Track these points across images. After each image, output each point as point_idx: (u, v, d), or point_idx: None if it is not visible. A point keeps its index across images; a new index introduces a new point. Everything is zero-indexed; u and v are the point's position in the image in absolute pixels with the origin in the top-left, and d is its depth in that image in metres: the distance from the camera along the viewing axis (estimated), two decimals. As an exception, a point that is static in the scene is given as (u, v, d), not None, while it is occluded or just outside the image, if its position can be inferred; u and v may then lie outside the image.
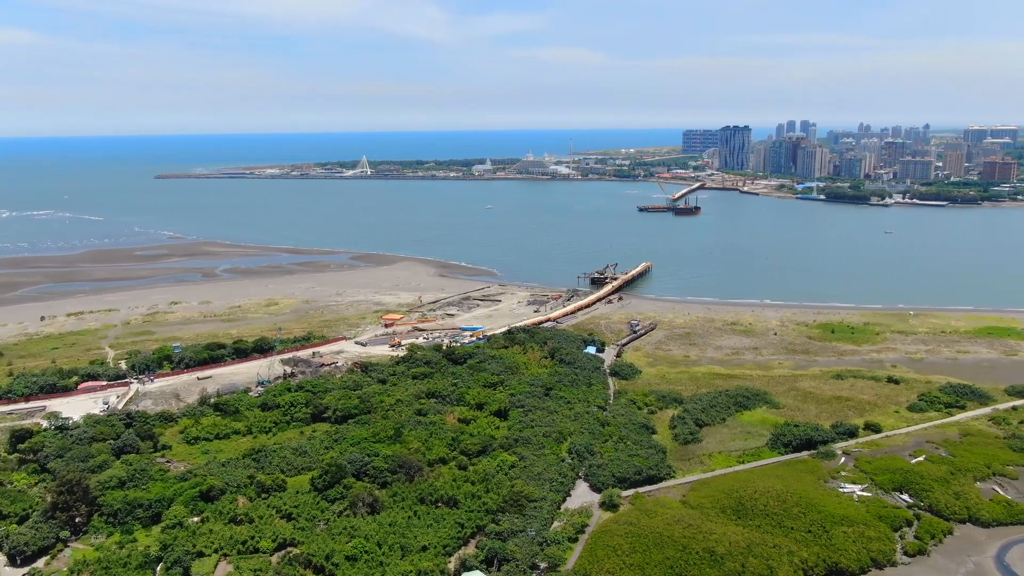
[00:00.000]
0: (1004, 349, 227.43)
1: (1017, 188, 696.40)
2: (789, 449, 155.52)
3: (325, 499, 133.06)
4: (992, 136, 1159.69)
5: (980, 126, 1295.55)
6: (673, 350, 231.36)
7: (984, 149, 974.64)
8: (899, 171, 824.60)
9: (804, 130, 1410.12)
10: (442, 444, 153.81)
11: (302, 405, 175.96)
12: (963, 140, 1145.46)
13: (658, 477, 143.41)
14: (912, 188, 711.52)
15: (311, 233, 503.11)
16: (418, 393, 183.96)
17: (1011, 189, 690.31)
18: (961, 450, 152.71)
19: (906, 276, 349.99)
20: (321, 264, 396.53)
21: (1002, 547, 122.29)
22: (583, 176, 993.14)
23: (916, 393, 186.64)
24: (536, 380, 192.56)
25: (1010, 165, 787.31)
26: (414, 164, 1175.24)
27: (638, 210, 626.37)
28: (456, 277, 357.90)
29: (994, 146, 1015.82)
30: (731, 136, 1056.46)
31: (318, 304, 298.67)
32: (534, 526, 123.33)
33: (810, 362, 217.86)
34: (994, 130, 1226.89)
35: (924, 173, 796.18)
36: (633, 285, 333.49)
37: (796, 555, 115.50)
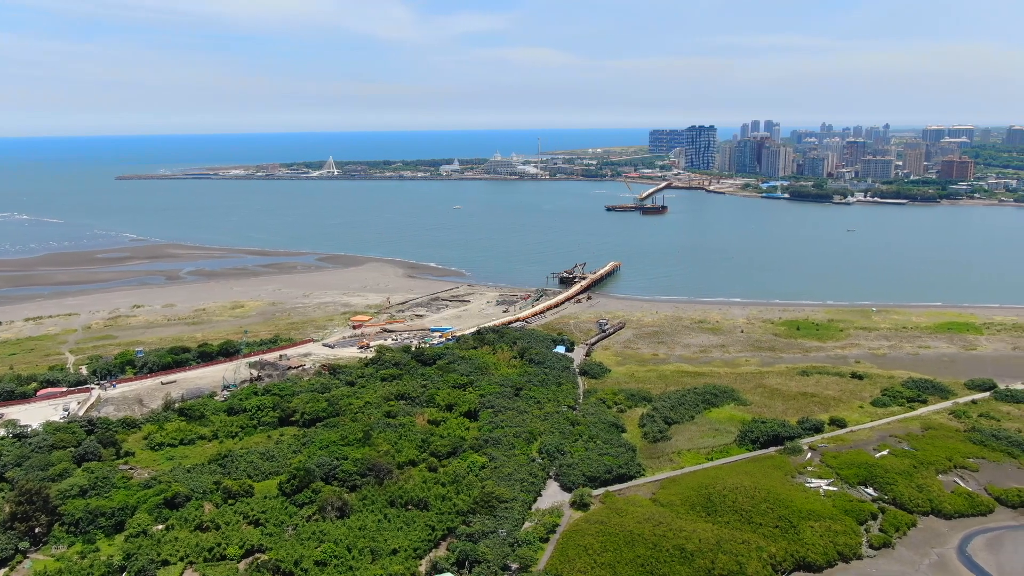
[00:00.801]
0: (963, 344, 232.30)
1: (974, 186, 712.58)
2: (757, 445, 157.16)
3: (293, 504, 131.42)
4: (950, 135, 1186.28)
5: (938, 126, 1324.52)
6: (642, 348, 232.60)
7: (942, 148, 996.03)
8: (861, 170, 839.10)
9: (768, 130, 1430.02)
10: (412, 446, 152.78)
11: (269, 409, 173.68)
12: (922, 139, 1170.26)
13: (628, 475, 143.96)
14: (873, 187, 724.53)
15: (277, 234, 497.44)
16: (387, 395, 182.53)
17: (968, 187, 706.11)
18: (923, 443, 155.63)
19: (868, 273, 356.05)
20: (288, 266, 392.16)
21: (964, 538, 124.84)
22: (551, 176, 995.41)
23: (879, 388, 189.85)
24: (506, 380, 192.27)
25: (967, 164, 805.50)
26: (381, 164, 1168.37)
27: (606, 209, 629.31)
28: (425, 278, 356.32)
29: (951, 145, 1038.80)
30: (697, 136, 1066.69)
31: (285, 306, 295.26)
32: (505, 527, 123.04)
33: (776, 359, 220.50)
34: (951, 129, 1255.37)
35: (885, 172, 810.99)
36: (602, 284, 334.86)
37: (765, 550, 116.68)
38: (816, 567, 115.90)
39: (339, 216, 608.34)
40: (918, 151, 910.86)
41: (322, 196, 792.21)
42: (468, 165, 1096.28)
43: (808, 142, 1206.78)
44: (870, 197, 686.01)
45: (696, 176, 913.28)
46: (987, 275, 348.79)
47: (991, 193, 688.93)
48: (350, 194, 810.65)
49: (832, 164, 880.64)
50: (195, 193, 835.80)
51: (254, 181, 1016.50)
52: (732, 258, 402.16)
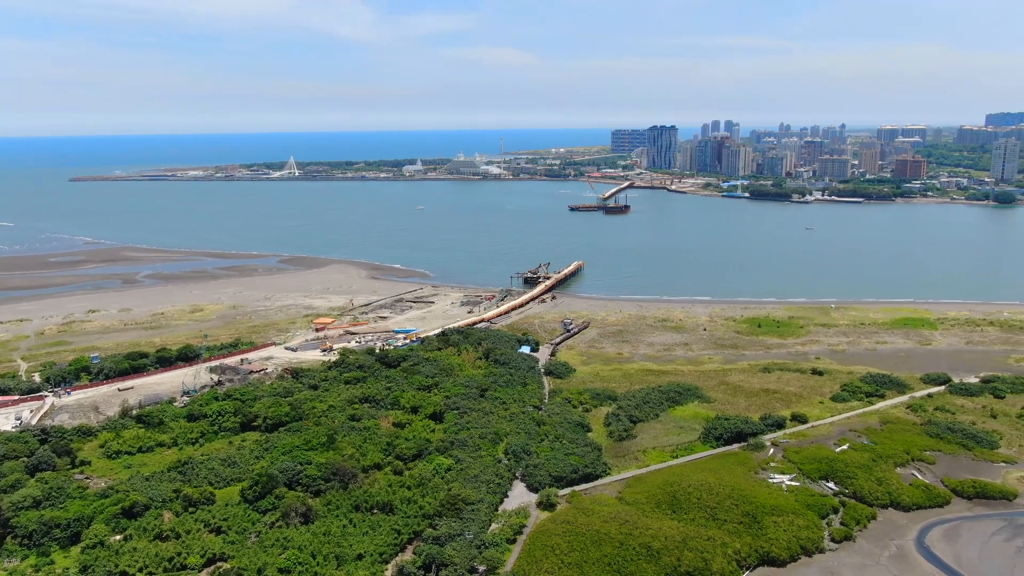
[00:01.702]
0: (919, 339, 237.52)
1: (927, 185, 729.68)
2: (721, 442, 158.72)
3: (256, 510, 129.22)
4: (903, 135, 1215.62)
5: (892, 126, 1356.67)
6: (606, 348, 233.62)
7: (896, 148, 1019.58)
8: (818, 169, 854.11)
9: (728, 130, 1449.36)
10: (377, 449, 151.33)
11: (230, 414, 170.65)
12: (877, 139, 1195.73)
13: (594, 475, 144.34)
14: (831, 185, 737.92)
15: (237, 236, 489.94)
16: (351, 398, 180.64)
17: (921, 186, 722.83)
18: (882, 437, 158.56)
19: (827, 271, 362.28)
20: (248, 268, 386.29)
21: (922, 529, 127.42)
22: (514, 176, 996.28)
23: (839, 384, 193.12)
24: (471, 381, 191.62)
25: (920, 163, 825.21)
26: (343, 165, 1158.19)
27: (569, 209, 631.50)
28: (388, 279, 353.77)
29: (905, 145, 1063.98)
30: (658, 136, 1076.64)
31: (246, 309, 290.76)
32: (472, 529, 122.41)
33: (739, 356, 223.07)
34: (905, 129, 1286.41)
35: (841, 171, 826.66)
36: (566, 284, 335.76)
37: (730, 546, 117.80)
38: (780, 562, 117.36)
39: (301, 217, 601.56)
40: (873, 151, 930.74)
41: (283, 197, 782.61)
42: (431, 165, 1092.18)
43: (767, 142, 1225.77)
44: (828, 196, 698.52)
45: (658, 176, 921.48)
46: (940, 271, 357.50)
47: (943, 191, 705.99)
48: (312, 195, 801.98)
49: (790, 163, 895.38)
50: (152, 195, 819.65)
51: (213, 182, 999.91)
52: (694, 257, 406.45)
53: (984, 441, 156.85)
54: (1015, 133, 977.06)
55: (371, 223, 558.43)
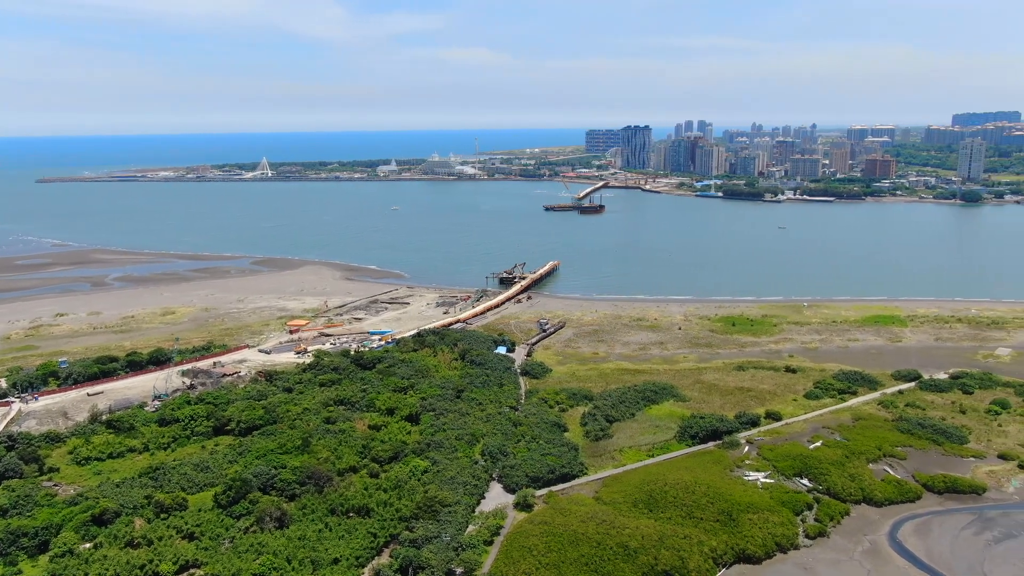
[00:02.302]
0: (889, 336, 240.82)
1: (896, 184, 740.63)
2: (696, 441, 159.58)
3: (230, 516, 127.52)
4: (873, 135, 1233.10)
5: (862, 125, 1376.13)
6: (582, 347, 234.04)
7: (866, 147, 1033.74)
8: (790, 169, 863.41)
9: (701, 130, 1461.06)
10: (352, 452, 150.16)
11: (203, 418, 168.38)
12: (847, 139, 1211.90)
13: (571, 475, 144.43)
14: (802, 185, 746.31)
15: (209, 238, 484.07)
16: (326, 400, 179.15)
17: (890, 185, 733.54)
18: (854, 434, 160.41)
19: (799, 269, 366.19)
20: (221, 270, 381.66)
21: (894, 524, 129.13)
22: (489, 176, 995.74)
23: (812, 381, 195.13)
24: (447, 382, 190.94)
25: (889, 162, 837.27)
26: (317, 165, 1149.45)
27: (544, 209, 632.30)
28: (363, 280, 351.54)
29: (874, 144, 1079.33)
30: (632, 136, 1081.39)
31: (218, 312, 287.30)
32: (449, 531, 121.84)
33: (713, 355, 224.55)
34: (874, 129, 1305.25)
35: (813, 170, 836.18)
36: (541, 284, 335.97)
37: (706, 544, 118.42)
38: (756, 559, 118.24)
39: (274, 218, 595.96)
40: (843, 150, 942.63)
41: (256, 198, 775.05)
42: (406, 166, 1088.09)
43: (740, 142, 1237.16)
44: (799, 195, 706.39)
45: (632, 175, 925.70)
46: (910, 269, 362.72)
47: (912, 190, 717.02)
48: (285, 196, 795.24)
49: (763, 163, 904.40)
50: (122, 196, 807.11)
51: (184, 183, 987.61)
52: (669, 256, 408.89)
53: (954, 436, 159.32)
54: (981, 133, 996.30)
55: (345, 224, 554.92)
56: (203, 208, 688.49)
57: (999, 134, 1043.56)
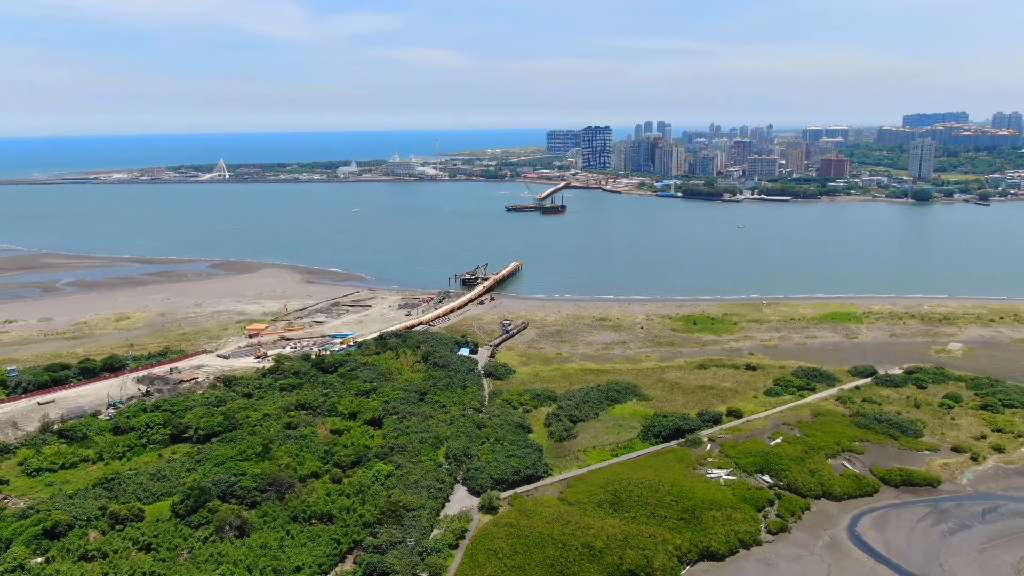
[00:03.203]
0: (846, 333, 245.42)
1: (850, 183, 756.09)
2: (659, 439, 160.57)
3: (188, 525, 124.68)
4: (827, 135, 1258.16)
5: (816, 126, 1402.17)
6: (545, 348, 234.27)
7: (821, 147, 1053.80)
8: (748, 169, 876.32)
9: (660, 130, 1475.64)
10: (314, 458, 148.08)
11: (160, 426, 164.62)
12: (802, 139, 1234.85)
13: (536, 476, 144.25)
14: (760, 184, 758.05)
15: (165, 241, 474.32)
16: (287, 405, 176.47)
17: (845, 184, 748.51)
18: (813, 430, 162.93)
19: (758, 268, 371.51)
20: (177, 274, 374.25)
21: (853, 518, 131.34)
22: (451, 177, 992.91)
23: (772, 378, 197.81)
24: (410, 385, 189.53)
25: (843, 162, 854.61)
26: (276, 167, 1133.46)
27: (506, 210, 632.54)
28: (324, 283, 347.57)
29: (829, 145, 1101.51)
30: (593, 136, 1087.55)
31: (175, 316, 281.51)
32: (413, 536, 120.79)
33: (675, 353, 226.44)
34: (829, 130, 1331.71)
35: (770, 170, 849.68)
36: (504, 285, 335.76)
37: (670, 543, 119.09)
38: (719, 556, 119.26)
39: (232, 221, 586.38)
40: (799, 150, 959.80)
41: (213, 200, 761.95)
42: (366, 167, 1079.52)
43: (698, 142, 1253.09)
44: (757, 195, 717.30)
45: (593, 176, 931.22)
46: (865, 267, 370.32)
47: (865, 190, 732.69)
48: (243, 198, 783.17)
49: (721, 163, 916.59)
50: (74, 199, 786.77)
51: (138, 185, 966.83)
52: (630, 255, 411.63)
53: (909, 430, 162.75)
54: (930, 133, 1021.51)
55: (305, 226, 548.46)
56: (158, 211, 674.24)
57: (947, 134, 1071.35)
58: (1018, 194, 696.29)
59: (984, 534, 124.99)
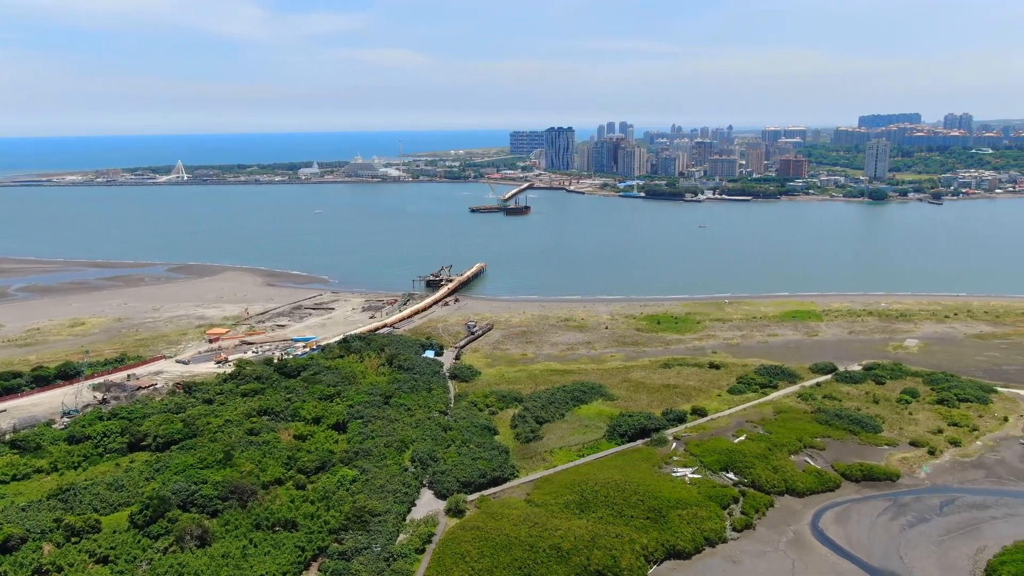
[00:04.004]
0: (806, 331, 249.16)
1: (808, 183, 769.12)
2: (625, 439, 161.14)
3: (147, 536, 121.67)
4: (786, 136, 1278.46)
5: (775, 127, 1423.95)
6: (511, 349, 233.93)
7: (779, 148, 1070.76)
8: (709, 169, 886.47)
9: (623, 131, 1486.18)
10: (277, 464, 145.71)
11: (117, 434, 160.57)
12: (762, 140, 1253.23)
13: (502, 478, 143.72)
14: (721, 184, 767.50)
15: (122, 245, 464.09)
16: (249, 411, 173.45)
17: (803, 184, 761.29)
18: (776, 427, 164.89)
19: (720, 267, 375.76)
20: (135, 278, 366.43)
21: (816, 513, 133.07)
22: (414, 178, 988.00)
23: (735, 376, 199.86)
24: (375, 389, 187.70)
25: (802, 162, 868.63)
26: (236, 168, 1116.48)
27: (470, 211, 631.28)
28: (286, 286, 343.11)
29: (787, 145, 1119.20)
30: (556, 137, 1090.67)
31: (132, 322, 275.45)
32: (379, 541, 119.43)
33: (640, 353, 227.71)
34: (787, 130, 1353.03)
35: (730, 171, 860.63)
36: (469, 286, 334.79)
37: (637, 542, 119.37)
38: (686, 554, 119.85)
39: (191, 224, 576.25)
40: (759, 151, 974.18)
41: (171, 203, 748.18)
42: (328, 168, 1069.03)
43: (660, 143, 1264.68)
44: (718, 195, 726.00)
45: (557, 176, 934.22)
46: (824, 265, 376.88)
47: (823, 189, 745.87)
48: (202, 200, 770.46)
49: (683, 163, 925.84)
50: (26, 202, 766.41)
51: (94, 188, 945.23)
52: (594, 256, 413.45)
53: (868, 426, 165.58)
54: (885, 134, 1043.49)
55: (267, 228, 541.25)
56: (115, 214, 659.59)
57: (901, 135, 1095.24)
58: (970, 193, 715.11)
59: (942, 526, 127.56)
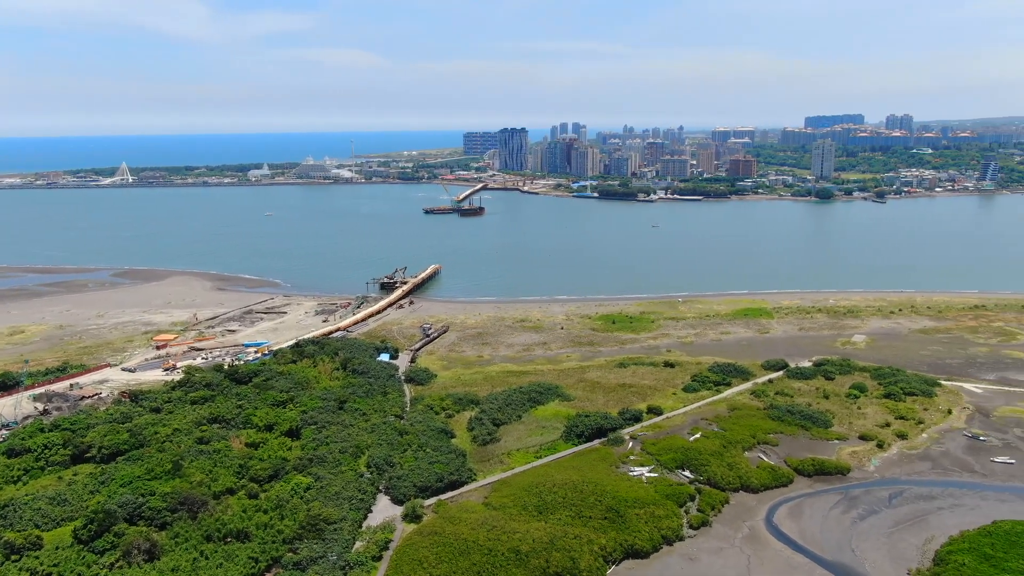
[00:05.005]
0: (758, 328, 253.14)
1: (758, 183, 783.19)
2: (582, 439, 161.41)
3: (92, 551, 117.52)
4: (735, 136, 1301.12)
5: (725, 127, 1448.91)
6: (467, 351, 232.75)
7: (729, 148, 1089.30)
8: (661, 169, 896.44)
9: (576, 131, 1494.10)
10: (228, 473, 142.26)
11: (59, 446, 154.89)
12: (712, 140, 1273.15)
13: (460, 482, 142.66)
14: (673, 184, 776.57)
15: (64, 250, 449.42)
16: (198, 419, 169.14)
17: (753, 184, 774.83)
18: (730, 424, 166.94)
19: (673, 266, 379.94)
20: (77, 284, 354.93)
21: (770, 509, 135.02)
22: (366, 179, 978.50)
23: (690, 374, 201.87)
24: (328, 394, 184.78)
25: (751, 162, 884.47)
26: (183, 170, 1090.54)
27: (424, 212, 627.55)
28: (236, 290, 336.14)
29: (737, 145, 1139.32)
30: (509, 138, 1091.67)
31: (75, 329, 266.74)
32: (335, 550, 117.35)
33: (595, 353, 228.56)
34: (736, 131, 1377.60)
35: (682, 171, 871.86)
36: (423, 288, 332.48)
37: (596, 543, 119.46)
38: (643, 553, 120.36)
39: (137, 227, 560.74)
40: (709, 151, 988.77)
41: (116, 206, 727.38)
42: (279, 170, 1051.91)
43: (612, 143, 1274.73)
44: (670, 195, 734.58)
45: (511, 177, 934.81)
46: (774, 264, 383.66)
47: (772, 189, 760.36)
48: (148, 203, 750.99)
49: (635, 164, 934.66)
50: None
51: (33, 191, 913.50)
52: (550, 256, 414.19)
53: (819, 421, 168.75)
54: (830, 134, 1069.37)
55: (216, 231, 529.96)
56: (56, 217, 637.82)
57: (846, 135, 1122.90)
58: (912, 192, 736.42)
59: (891, 518, 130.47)
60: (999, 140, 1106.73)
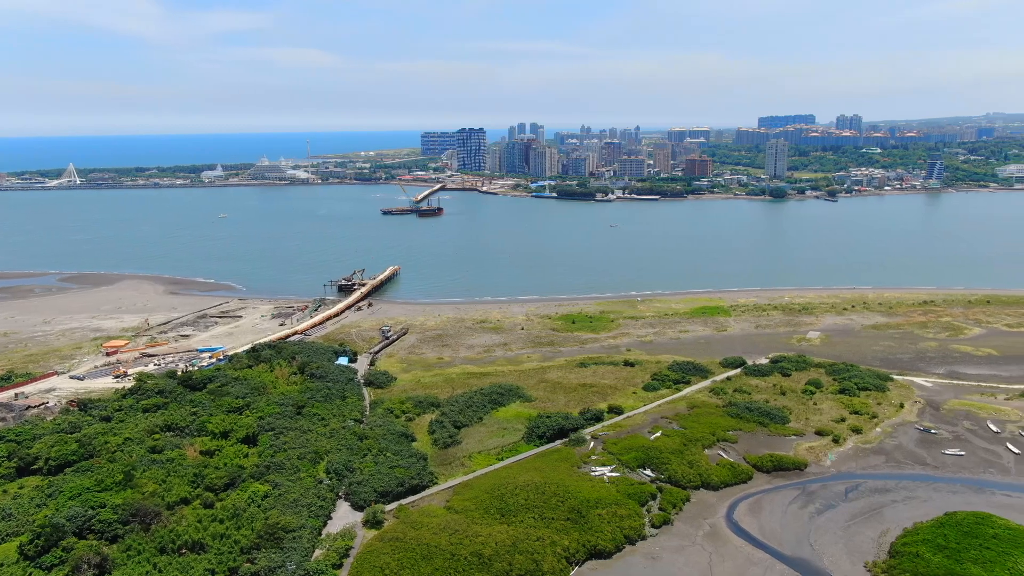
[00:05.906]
0: (716, 326, 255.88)
1: (713, 182, 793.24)
2: (544, 440, 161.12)
3: (39, 567, 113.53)
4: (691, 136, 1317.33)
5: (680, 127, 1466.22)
6: (427, 353, 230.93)
7: (685, 148, 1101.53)
8: (618, 169, 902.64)
9: (534, 132, 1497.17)
10: (183, 482, 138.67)
11: (3, 458, 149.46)
12: (668, 140, 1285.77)
13: (421, 486, 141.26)
14: (630, 184, 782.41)
15: (8, 254, 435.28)
16: (151, 428, 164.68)
17: (708, 183, 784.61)
18: (690, 422, 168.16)
19: (632, 265, 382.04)
20: (23, 289, 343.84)
21: (730, 506, 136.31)
22: (323, 180, 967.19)
23: (649, 373, 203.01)
24: (286, 399, 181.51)
25: (706, 162, 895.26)
26: (133, 172, 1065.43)
27: (382, 213, 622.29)
28: (190, 294, 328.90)
29: (692, 145, 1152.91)
30: (468, 138, 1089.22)
31: (20, 336, 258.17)
32: (294, 559, 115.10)
33: (556, 353, 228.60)
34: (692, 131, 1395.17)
35: (639, 171, 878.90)
36: (382, 290, 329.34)
37: (558, 544, 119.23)
38: (607, 553, 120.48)
39: (85, 230, 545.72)
40: (665, 151, 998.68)
41: (63, 208, 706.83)
42: (233, 171, 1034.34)
43: (570, 143, 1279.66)
44: (628, 194, 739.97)
45: (469, 177, 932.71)
46: (730, 262, 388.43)
47: (727, 188, 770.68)
48: (97, 205, 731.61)
49: (593, 164, 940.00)
50: None
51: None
52: (509, 257, 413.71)
53: (777, 417, 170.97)
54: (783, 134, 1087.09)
55: (168, 234, 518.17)
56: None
57: (798, 135, 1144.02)
58: (862, 191, 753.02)
59: (848, 512, 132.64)
60: (944, 139, 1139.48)
